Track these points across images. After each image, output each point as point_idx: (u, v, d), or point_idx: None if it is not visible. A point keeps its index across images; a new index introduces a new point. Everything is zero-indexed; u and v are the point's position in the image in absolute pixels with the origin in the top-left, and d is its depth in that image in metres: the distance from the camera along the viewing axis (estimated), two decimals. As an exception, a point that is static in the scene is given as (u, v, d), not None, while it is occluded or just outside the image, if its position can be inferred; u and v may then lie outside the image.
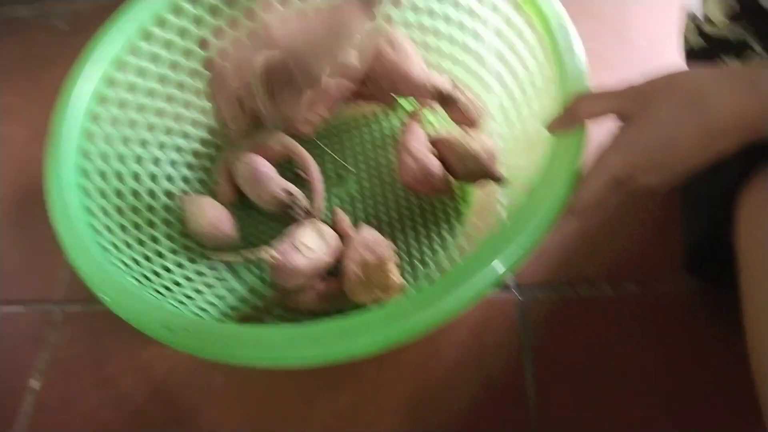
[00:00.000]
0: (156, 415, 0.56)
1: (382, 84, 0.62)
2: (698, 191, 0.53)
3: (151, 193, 0.60)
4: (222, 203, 0.61)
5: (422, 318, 0.38)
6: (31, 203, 0.53)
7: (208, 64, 0.63)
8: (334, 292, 0.54)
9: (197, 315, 0.49)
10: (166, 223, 0.60)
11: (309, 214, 0.59)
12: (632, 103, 0.40)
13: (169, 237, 0.59)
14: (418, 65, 0.61)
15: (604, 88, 0.43)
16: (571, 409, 0.52)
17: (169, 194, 0.62)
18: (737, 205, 0.42)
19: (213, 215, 0.58)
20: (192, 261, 0.58)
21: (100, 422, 0.56)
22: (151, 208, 0.59)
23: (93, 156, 0.55)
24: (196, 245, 0.60)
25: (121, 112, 0.59)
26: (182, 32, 0.63)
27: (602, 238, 0.59)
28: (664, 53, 0.70)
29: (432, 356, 0.55)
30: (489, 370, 0.54)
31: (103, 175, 0.55)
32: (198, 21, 0.63)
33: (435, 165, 0.58)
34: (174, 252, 0.58)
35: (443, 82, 0.61)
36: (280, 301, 0.55)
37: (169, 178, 0.63)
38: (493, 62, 0.62)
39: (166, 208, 0.61)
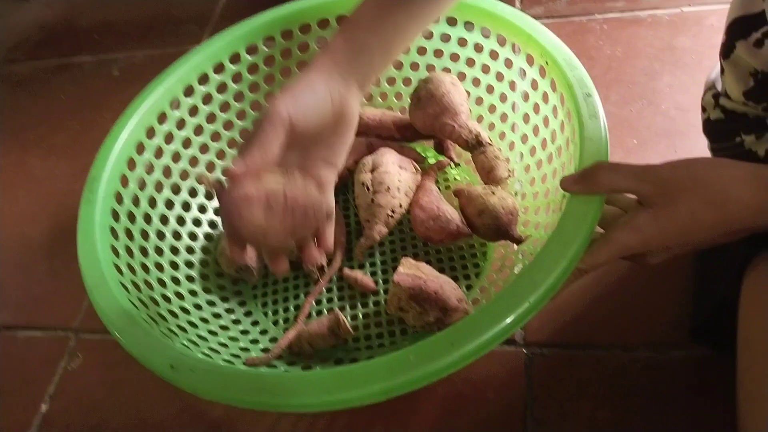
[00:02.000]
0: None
1: (426, 124, 0.63)
2: (712, 268, 0.53)
3: (177, 235, 0.62)
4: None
5: (425, 369, 0.38)
6: (67, 236, 0.56)
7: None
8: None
9: (207, 355, 0.49)
10: (188, 264, 0.61)
11: (321, 270, 0.60)
12: (652, 188, 0.41)
13: (189, 278, 0.60)
14: (466, 110, 0.63)
15: (624, 162, 0.43)
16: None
17: (193, 236, 0.64)
18: (742, 284, 0.44)
19: None
20: (210, 304, 0.59)
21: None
22: (175, 250, 0.61)
23: (125, 198, 0.57)
24: (217, 289, 0.61)
25: (157, 159, 0.62)
26: (221, 87, 0.66)
27: (616, 303, 0.58)
28: (691, 122, 0.71)
29: (431, 405, 0.54)
30: (490, 428, 0.53)
31: (131, 216, 0.57)
32: (237, 78, 0.67)
33: (448, 212, 0.58)
34: (193, 293, 0.59)
35: (481, 130, 0.62)
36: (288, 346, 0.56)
37: (197, 222, 0.65)
38: (519, 123, 0.63)
39: (189, 249, 0.63)
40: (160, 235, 0.60)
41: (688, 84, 0.75)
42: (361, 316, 0.58)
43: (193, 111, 0.65)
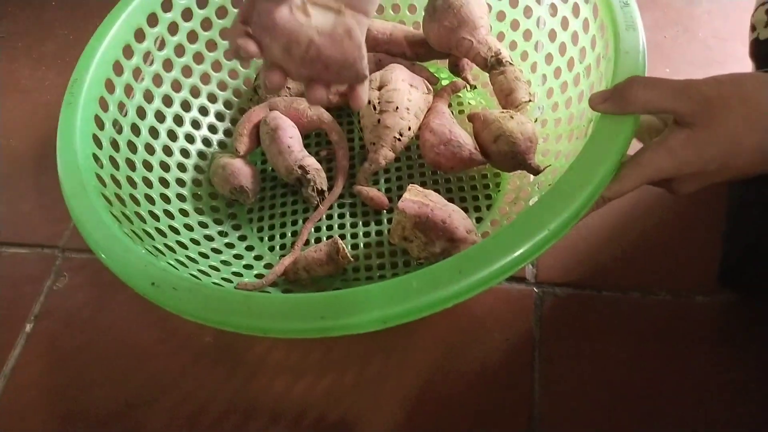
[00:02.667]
0: (147, 374, 0.53)
1: (441, 38, 0.58)
2: (747, 204, 0.49)
3: (167, 150, 0.58)
4: (237, 152, 0.59)
5: (428, 297, 0.34)
6: (53, 150, 0.52)
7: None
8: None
9: (195, 277, 0.46)
10: (179, 182, 0.57)
11: (321, 195, 0.56)
12: (692, 106, 0.36)
13: (180, 197, 0.56)
14: (487, 24, 0.57)
15: (661, 78, 0.38)
16: (577, 414, 0.47)
17: (185, 153, 0.60)
18: None
19: (237, 167, 0.56)
20: (202, 225, 0.56)
21: (89, 375, 0.54)
22: (165, 166, 0.57)
23: (111, 105, 0.53)
24: (210, 210, 0.57)
25: (146, 66, 0.57)
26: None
27: (635, 244, 0.54)
28: (730, 51, 0.65)
29: (439, 344, 0.51)
30: (496, 366, 0.50)
31: (117, 126, 0.53)
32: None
33: (461, 136, 0.53)
34: (183, 213, 0.55)
35: (501, 48, 0.56)
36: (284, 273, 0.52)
37: (189, 138, 0.61)
38: (543, 41, 0.57)
39: (181, 167, 0.59)
40: (149, 149, 0.56)
41: (729, 10, 0.68)
42: (362, 245, 0.55)
43: (187, 14, 0.60)
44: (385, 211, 0.56)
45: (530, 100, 0.55)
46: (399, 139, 0.55)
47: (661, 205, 0.55)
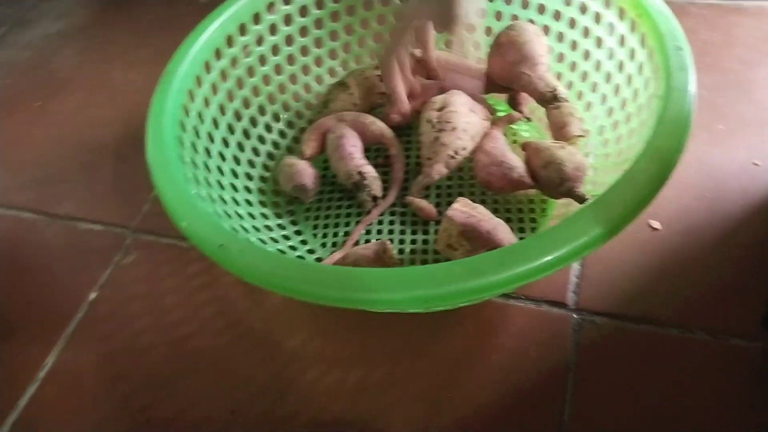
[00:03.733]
0: (195, 349, 0.57)
1: (503, 71, 0.62)
2: None
3: (240, 146, 0.63)
4: (303, 155, 0.63)
5: (470, 284, 0.37)
6: (137, 143, 0.58)
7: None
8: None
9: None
10: (248, 176, 0.62)
11: (375, 201, 0.59)
12: None
13: (246, 189, 0.61)
14: (546, 62, 0.61)
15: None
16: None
17: (255, 151, 0.65)
18: None
19: (302, 167, 0.61)
20: (263, 216, 0.60)
21: (141, 343, 0.58)
22: (236, 159, 0.62)
23: (198, 98, 0.59)
24: (272, 205, 0.62)
25: (232, 69, 0.63)
26: (302, 10, 0.67)
27: (678, 280, 0.55)
28: (786, 115, 0.66)
29: (473, 354, 0.53)
30: (528, 382, 0.51)
31: (200, 116, 0.59)
32: (319, 5, 0.67)
33: (513, 159, 0.56)
34: (248, 203, 0.60)
35: (558, 85, 0.60)
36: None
37: (261, 139, 0.66)
38: (600, 82, 0.60)
39: (250, 163, 0.64)
40: (225, 142, 0.61)
41: (788, 76, 0.70)
42: (408, 251, 0.58)
43: (273, 29, 0.66)
44: (432, 222, 0.59)
45: (582, 135, 0.58)
46: (453, 157, 0.58)
47: (709, 249, 0.57)
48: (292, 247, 0.58)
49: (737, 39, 0.76)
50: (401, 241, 0.59)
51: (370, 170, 0.60)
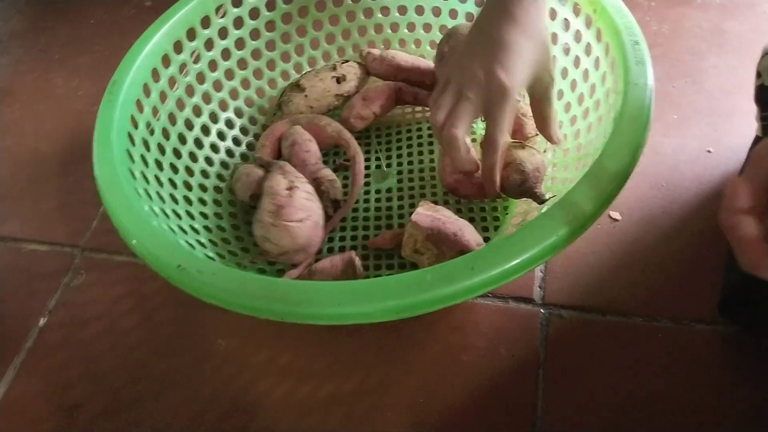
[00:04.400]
0: (156, 372, 0.54)
1: None
2: None
3: (193, 156, 0.61)
4: (259, 162, 0.60)
5: (441, 291, 0.36)
6: (82, 155, 0.55)
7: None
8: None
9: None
10: (202, 187, 0.60)
11: (336, 205, 0.58)
12: None
13: (201, 201, 0.59)
14: None
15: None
16: (579, 432, 0.48)
17: (209, 161, 0.63)
18: None
19: (260, 174, 0.58)
20: (220, 229, 0.58)
21: (98, 369, 0.55)
22: (189, 171, 0.60)
23: (146, 108, 0.56)
24: (228, 216, 0.60)
25: (181, 76, 0.61)
26: (253, 14, 0.65)
27: (641, 272, 0.56)
28: (736, 104, 0.68)
29: (444, 357, 0.52)
30: (500, 380, 0.51)
31: (150, 127, 0.56)
32: (270, 6, 0.65)
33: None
34: (204, 216, 0.57)
35: None
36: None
37: (214, 148, 0.64)
38: (556, 77, 0.60)
39: (204, 173, 0.62)
40: (177, 153, 0.59)
41: (736, 67, 0.72)
42: (372, 257, 0.57)
43: (223, 33, 0.64)
44: (397, 224, 0.58)
45: (537, 134, 0.58)
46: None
47: (667, 237, 0.58)
48: (253, 262, 0.56)
49: (686, 30, 0.77)
50: (365, 247, 0.57)
51: (326, 174, 0.58)
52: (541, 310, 0.54)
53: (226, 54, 0.65)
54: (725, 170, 0.61)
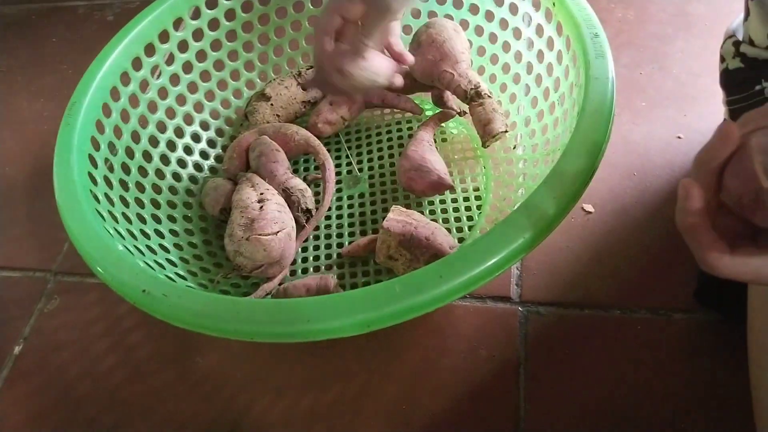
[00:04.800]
0: (134, 394, 0.54)
1: (425, 71, 0.60)
2: None
3: (160, 174, 0.60)
4: (228, 174, 0.61)
5: (411, 301, 0.36)
6: (50, 178, 0.54)
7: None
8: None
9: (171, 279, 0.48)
10: (170, 204, 0.59)
11: (308, 214, 0.57)
12: None
13: (170, 218, 0.58)
14: (467, 59, 0.60)
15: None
16: (563, 428, 0.48)
17: (176, 177, 0.62)
18: None
19: (229, 188, 0.58)
20: (192, 246, 0.57)
21: (75, 395, 0.55)
22: (157, 188, 0.59)
23: (107, 128, 0.55)
24: (200, 231, 0.59)
25: (142, 93, 0.60)
26: (212, 23, 0.64)
27: (616, 264, 0.56)
28: (703, 87, 0.68)
29: (424, 361, 0.52)
30: (481, 382, 0.51)
31: (112, 147, 0.55)
32: (229, 16, 0.64)
33: (432, 162, 0.56)
34: (174, 233, 0.57)
35: (480, 81, 0.59)
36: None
37: (181, 163, 0.63)
38: (521, 73, 0.60)
39: (172, 189, 0.61)
40: (143, 171, 0.58)
41: (701, 50, 0.72)
42: (347, 264, 0.56)
43: (183, 46, 0.63)
44: (371, 232, 0.58)
45: (506, 131, 0.57)
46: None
47: (641, 227, 0.58)
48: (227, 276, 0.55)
49: (651, 16, 0.77)
50: (339, 255, 0.57)
51: (295, 183, 0.58)
52: (519, 308, 0.54)
53: (187, 67, 0.64)
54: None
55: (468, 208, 0.58)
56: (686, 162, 0.61)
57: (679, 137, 0.63)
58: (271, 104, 0.64)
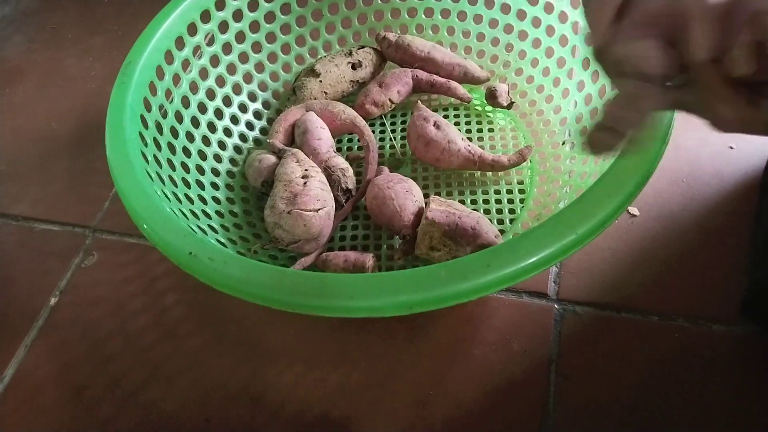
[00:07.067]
0: (163, 355, 0.54)
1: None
2: None
3: (206, 140, 0.60)
4: (272, 148, 0.60)
5: (455, 288, 0.35)
6: (94, 136, 0.54)
7: None
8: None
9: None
10: (214, 172, 0.60)
11: (348, 194, 0.57)
12: None
13: (213, 185, 0.58)
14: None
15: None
16: (590, 430, 0.47)
17: (222, 145, 0.62)
18: None
19: (273, 161, 0.58)
20: (233, 214, 0.57)
21: (106, 350, 0.56)
22: (202, 154, 0.59)
23: (159, 91, 0.55)
24: (240, 201, 0.59)
25: (195, 59, 0.60)
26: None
27: (658, 270, 0.55)
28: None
29: (454, 349, 0.52)
30: (511, 376, 0.50)
31: (163, 110, 0.55)
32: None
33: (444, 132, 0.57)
34: (216, 201, 0.57)
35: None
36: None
37: (227, 132, 0.63)
38: (575, 67, 0.59)
39: (217, 157, 0.61)
40: (189, 137, 0.58)
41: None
42: (384, 247, 0.56)
43: (238, 15, 0.63)
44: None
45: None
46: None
47: (686, 234, 0.56)
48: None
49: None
50: (377, 237, 0.57)
51: (337, 162, 0.58)
52: (555, 306, 0.54)
53: (240, 37, 0.64)
54: (747, 167, 0.60)
55: (510, 201, 0.58)
56: (736, 172, 0.60)
57: (731, 147, 0.62)
58: (320, 81, 0.64)
